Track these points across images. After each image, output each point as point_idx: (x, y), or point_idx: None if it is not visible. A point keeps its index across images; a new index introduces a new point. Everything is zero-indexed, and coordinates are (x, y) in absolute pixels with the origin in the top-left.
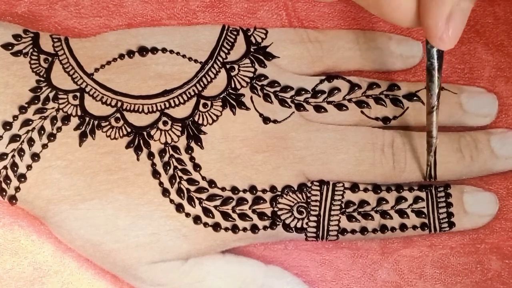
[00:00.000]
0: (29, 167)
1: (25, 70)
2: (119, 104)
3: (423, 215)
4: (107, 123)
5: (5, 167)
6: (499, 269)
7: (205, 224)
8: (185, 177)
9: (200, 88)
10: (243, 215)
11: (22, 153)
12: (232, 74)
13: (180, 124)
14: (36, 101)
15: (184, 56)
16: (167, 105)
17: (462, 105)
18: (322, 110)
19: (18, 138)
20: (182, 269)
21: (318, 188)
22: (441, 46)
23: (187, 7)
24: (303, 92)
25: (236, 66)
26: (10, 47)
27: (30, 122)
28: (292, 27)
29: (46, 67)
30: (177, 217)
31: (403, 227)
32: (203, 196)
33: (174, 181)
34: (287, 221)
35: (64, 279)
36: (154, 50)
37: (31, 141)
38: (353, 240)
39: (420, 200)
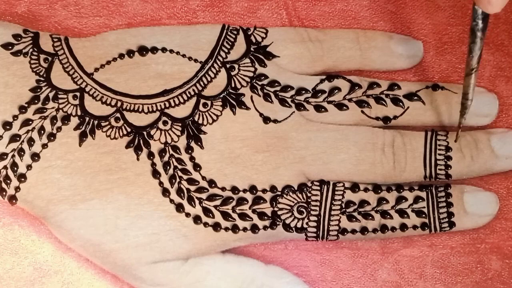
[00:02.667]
0: (29, 167)
1: (25, 70)
2: (119, 104)
3: (424, 215)
4: (107, 123)
5: (5, 167)
6: (500, 269)
7: (205, 224)
8: (185, 177)
9: (200, 88)
10: (243, 215)
11: (22, 153)
12: (232, 73)
13: (180, 124)
14: (36, 101)
15: (184, 55)
16: (167, 104)
17: None
18: (323, 109)
19: (18, 138)
20: (182, 269)
21: (318, 188)
22: (489, 9)
23: (187, 7)
24: (304, 91)
25: (236, 66)
26: (10, 47)
27: (30, 122)
28: (292, 26)
29: (46, 66)
30: (177, 217)
31: (403, 227)
32: (203, 196)
33: (174, 181)
34: (287, 221)
35: (64, 279)
36: (154, 49)
37: (31, 141)
38: (353, 240)
39: (420, 200)
